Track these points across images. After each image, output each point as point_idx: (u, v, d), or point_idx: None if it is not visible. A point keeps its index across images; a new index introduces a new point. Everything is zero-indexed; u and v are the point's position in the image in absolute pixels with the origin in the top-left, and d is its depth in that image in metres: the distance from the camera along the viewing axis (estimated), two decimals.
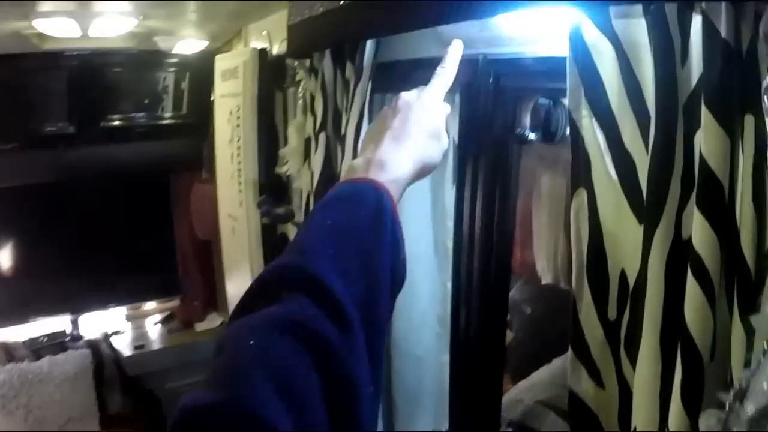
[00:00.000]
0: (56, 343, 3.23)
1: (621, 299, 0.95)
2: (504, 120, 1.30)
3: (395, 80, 1.46)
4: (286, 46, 1.84)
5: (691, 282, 0.75)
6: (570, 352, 1.00)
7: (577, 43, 0.93)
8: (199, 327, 3.57)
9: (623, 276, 0.95)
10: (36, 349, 3.14)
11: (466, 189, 1.44)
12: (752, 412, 0.63)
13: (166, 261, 3.67)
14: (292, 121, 2.05)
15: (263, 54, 2.33)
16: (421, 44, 1.39)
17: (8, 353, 3.07)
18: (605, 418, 0.98)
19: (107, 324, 3.48)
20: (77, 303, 3.38)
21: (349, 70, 1.55)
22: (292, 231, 2.27)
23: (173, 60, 3.22)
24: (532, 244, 2.44)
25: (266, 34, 2.36)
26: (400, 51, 1.48)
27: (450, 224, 1.55)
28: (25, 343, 3.17)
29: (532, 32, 1.16)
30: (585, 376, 0.99)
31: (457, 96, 1.41)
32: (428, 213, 1.66)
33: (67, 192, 3.29)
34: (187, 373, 3.13)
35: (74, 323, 3.35)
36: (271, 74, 2.30)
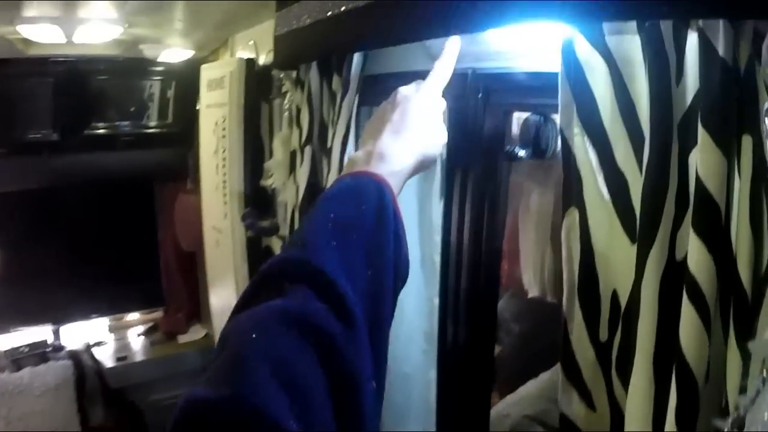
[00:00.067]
0: (37, 354, 3.16)
1: (612, 320, 0.93)
2: (493, 136, 1.28)
3: (383, 93, 1.42)
4: (273, 57, 1.82)
5: (687, 305, 0.73)
6: (561, 374, 0.98)
7: (569, 59, 0.91)
8: (183, 339, 3.52)
9: (615, 296, 0.93)
10: (16, 359, 3.08)
11: (454, 204, 1.42)
12: None
13: (150, 271, 3.62)
14: (277, 134, 2.02)
15: (250, 64, 2.30)
16: (409, 57, 1.37)
17: None
18: None
19: (89, 335, 3.42)
20: (59, 313, 3.32)
21: (336, 83, 1.53)
22: (277, 244, 2.23)
23: (159, 68, 3.20)
24: (519, 258, 2.42)
25: (253, 44, 2.34)
26: (387, 64, 1.46)
27: (437, 239, 1.52)
28: (5, 353, 3.10)
29: (523, 47, 1.14)
30: (576, 398, 0.97)
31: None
32: (415, 227, 1.63)
33: (50, 200, 3.24)
34: (171, 385, 3.10)
35: (56, 333, 3.30)
36: (258, 85, 2.27)
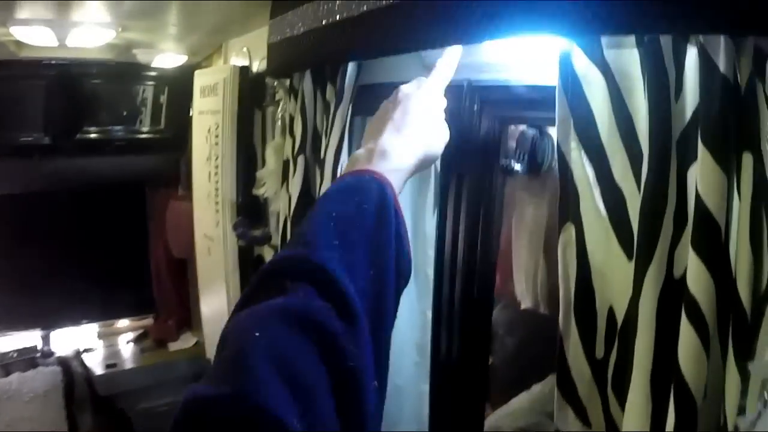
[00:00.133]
0: (26, 359, 3.15)
1: (609, 337, 0.92)
2: (489, 148, 1.27)
3: (377, 103, 1.42)
4: (266, 65, 1.80)
5: (685, 324, 0.72)
6: (556, 391, 0.96)
7: (567, 73, 0.90)
8: (173, 347, 3.50)
9: (611, 313, 0.91)
10: (5, 364, 3.06)
11: (448, 217, 1.40)
12: None
13: (141, 278, 3.62)
14: (270, 142, 1.99)
15: (244, 72, 2.28)
16: (404, 67, 1.34)
17: None
18: None
19: (79, 341, 3.41)
20: (49, 318, 3.30)
21: (329, 92, 1.51)
22: (269, 253, 2.21)
23: (152, 73, 3.18)
24: (511, 269, 2.41)
25: (246, 51, 2.32)
26: (382, 74, 1.44)
27: (430, 252, 1.51)
28: None
29: (519, 58, 1.13)
30: (572, 415, 0.95)
31: None
32: (409, 240, 1.61)
33: (41, 204, 3.23)
34: (160, 393, 3.09)
35: (45, 339, 3.28)
36: (251, 92, 2.25)
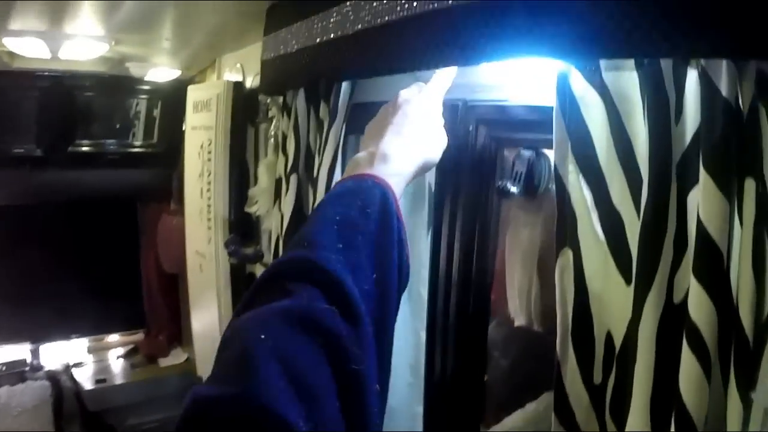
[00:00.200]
0: (15, 373, 3.11)
1: (606, 362, 0.90)
2: (484, 168, 1.25)
3: None
4: (259, 82, 1.78)
5: (687, 352, 0.70)
6: (554, 416, 0.94)
7: (564, 94, 0.88)
8: (163, 362, 3.47)
9: (609, 338, 0.89)
10: None
11: (443, 237, 1.39)
12: None
13: (131, 292, 3.59)
14: (262, 160, 1.98)
15: (238, 87, 2.26)
16: (399, 86, 1.33)
17: None
18: None
19: (68, 355, 3.37)
20: (38, 332, 3.28)
21: (323, 111, 1.49)
22: (261, 271, 2.18)
23: (146, 87, 3.16)
24: (505, 286, 2.40)
25: (240, 67, 2.30)
26: (376, 92, 1.42)
27: (424, 272, 1.49)
28: None
29: (516, 79, 1.11)
30: None
31: None
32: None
33: (32, 216, 3.20)
34: (150, 409, 3.07)
35: (34, 353, 3.25)
36: (244, 108, 2.23)
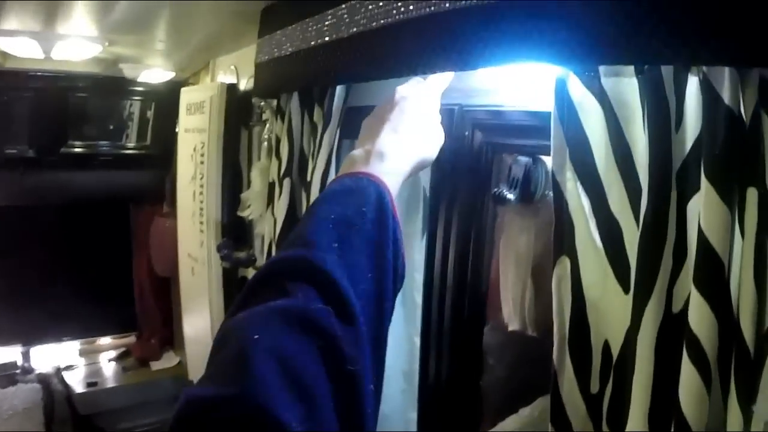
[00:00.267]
0: (6, 375, 3.09)
1: (604, 372, 0.88)
2: (480, 174, 1.23)
3: None
4: (253, 85, 1.77)
5: (687, 363, 0.69)
6: (550, 427, 0.92)
7: (563, 100, 0.86)
8: (155, 366, 3.45)
9: (606, 347, 0.88)
10: None
11: (437, 242, 1.37)
12: None
13: (123, 295, 3.58)
14: (256, 164, 1.95)
15: (231, 90, 2.24)
16: (393, 89, 1.32)
17: None
18: None
19: (60, 358, 3.36)
20: (29, 334, 3.26)
21: (317, 114, 1.47)
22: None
23: (139, 88, 3.14)
24: (498, 290, 2.39)
25: (234, 69, 2.29)
26: (371, 96, 1.40)
27: (418, 277, 1.47)
28: None
29: (513, 84, 1.09)
30: None
31: None
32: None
33: (23, 218, 3.19)
34: (142, 413, 3.04)
35: (25, 355, 3.23)
36: (238, 111, 2.21)
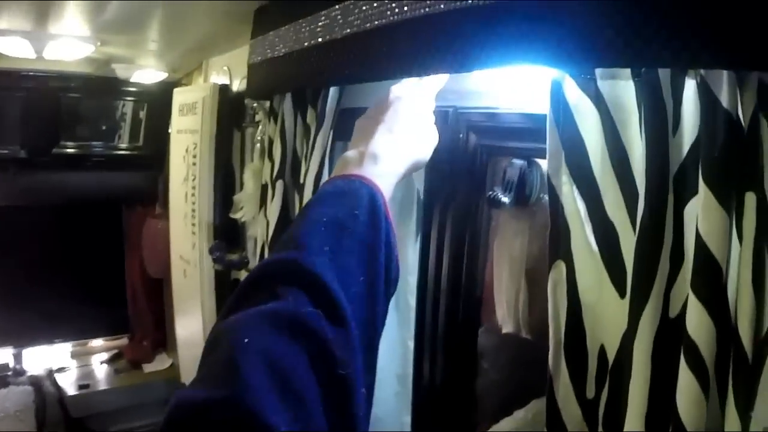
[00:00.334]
0: None
1: (599, 376, 0.88)
2: (475, 176, 1.23)
3: None
4: (245, 86, 1.75)
5: (684, 370, 0.68)
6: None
7: (558, 103, 0.86)
8: (148, 368, 3.43)
9: (602, 352, 0.87)
10: None
11: (431, 245, 1.36)
12: None
13: (116, 297, 3.55)
14: (248, 165, 1.94)
15: (224, 91, 2.23)
16: (388, 90, 1.31)
17: None
18: None
19: (52, 360, 3.33)
20: (21, 336, 3.24)
21: (310, 116, 1.46)
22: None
23: (132, 89, 3.12)
24: (492, 293, 2.38)
25: (227, 70, 2.27)
26: (364, 97, 1.39)
27: (412, 280, 1.47)
28: None
29: (508, 86, 1.08)
30: None
31: None
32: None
33: (15, 218, 3.16)
34: (134, 416, 3.05)
35: (17, 357, 3.21)
36: (231, 112, 2.20)
